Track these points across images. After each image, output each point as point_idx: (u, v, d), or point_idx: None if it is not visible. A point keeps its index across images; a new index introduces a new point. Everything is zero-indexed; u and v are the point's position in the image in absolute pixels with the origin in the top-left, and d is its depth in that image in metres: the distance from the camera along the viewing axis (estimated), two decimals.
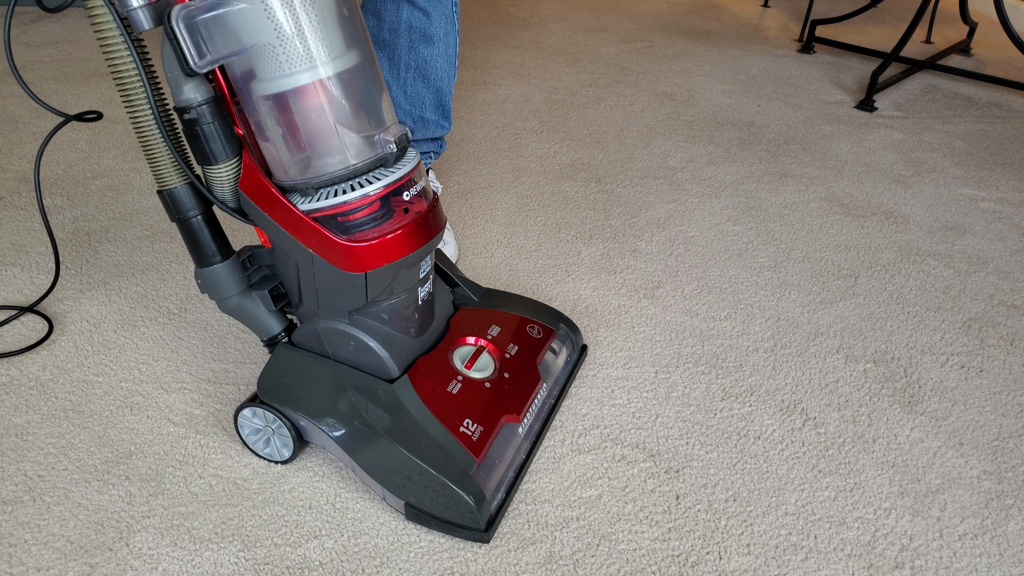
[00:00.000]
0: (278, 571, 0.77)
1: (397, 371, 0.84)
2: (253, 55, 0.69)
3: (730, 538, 0.82)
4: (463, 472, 0.78)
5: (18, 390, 0.97)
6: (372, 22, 1.20)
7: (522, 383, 0.90)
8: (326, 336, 0.84)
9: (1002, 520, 0.86)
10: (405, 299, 0.84)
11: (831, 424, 0.98)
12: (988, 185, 1.62)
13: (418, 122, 1.26)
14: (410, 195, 0.78)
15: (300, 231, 0.77)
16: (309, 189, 0.75)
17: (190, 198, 0.80)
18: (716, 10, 2.82)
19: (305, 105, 0.71)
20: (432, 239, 0.80)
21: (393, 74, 1.22)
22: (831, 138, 1.81)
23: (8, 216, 1.33)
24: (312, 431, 0.84)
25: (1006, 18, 2.03)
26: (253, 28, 0.67)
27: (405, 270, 0.80)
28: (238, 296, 0.85)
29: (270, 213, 0.77)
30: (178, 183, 0.79)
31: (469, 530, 0.79)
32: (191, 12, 0.66)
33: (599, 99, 1.97)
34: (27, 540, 0.79)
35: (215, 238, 0.83)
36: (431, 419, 0.81)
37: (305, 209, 0.75)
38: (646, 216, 1.44)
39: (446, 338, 0.92)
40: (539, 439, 0.90)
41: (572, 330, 1.03)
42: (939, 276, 1.30)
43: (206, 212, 0.82)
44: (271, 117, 0.72)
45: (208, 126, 0.74)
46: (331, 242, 0.76)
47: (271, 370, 0.86)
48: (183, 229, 0.82)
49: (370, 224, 0.77)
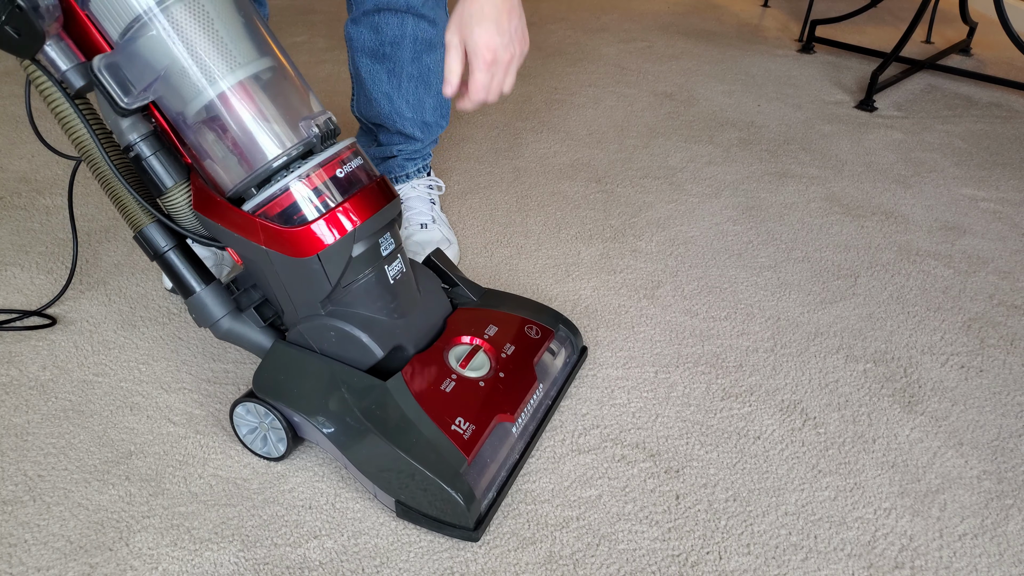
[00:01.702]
0: (278, 571, 0.77)
1: (381, 352, 0.84)
2: (171, 81, 0.75)
3: (730, 538, 0.82)
4: (453, 470, 0.78)
5: (18, 390, 0.97)
6: (368, 36, 1.16)
7: (518, 383, 0.90)
8: (309, 334, 0.85)
9: (1002, 520, 0.86)
10: (373, 279, 0.84)
11: (831, 424, 0.98)
12: (988, 185, 1.62)
13: (422, 127, 1.25)
14: (344, 172, 0.81)
15: (249, 231, 0.80)
16: (251, 191, 0.79)
17: (161, 235, 0.87)
18: (716, 10, 2.82)
19: (225, 113, 0.77)
20: (376, 213, 0.82)
21: (394, 85, 1.19)
22: (831, 138, 1.81)
23: (8, 216, 1.33)
24: (306, 427, 0.85)
25: (1006, 18, 2.03)
26: (161, 53, 0.74)
27: (362, 247, 0.81)
28: (228, 319, 0.88)
29: (221, 222, 0.81)
30: (147, 222, 0.86)
31: (458, 528, 0.79)
32: (107, 56, 0.75)
33: (599, 99, 1.97)
34: (27, 540, 0.79)
35: (192, 267, 0.88)
36: (423, 417, 0.81)
37: (248, 209, 0.79)
38: (646, 216, 1.44)
39: (442, 337, 0.92)
40: (534, 439, 0.90)
41: (572, 331, 1.03)
42: (939, 276, 1.30)
43: (179, 245, 0.88)
44: (201, 133, 0.79)
45: (151, 158, 0.82)
46: (278, 233, 0.79)
47: (267, 366, 0.86)
48: (162, 265, 0.88)
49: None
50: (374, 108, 1.22)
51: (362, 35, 1.17)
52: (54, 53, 0.77)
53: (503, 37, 0.82)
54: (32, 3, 0.73)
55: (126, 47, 0.74)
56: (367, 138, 1.31)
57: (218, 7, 0.76)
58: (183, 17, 0.74)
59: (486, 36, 0.81)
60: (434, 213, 1.28)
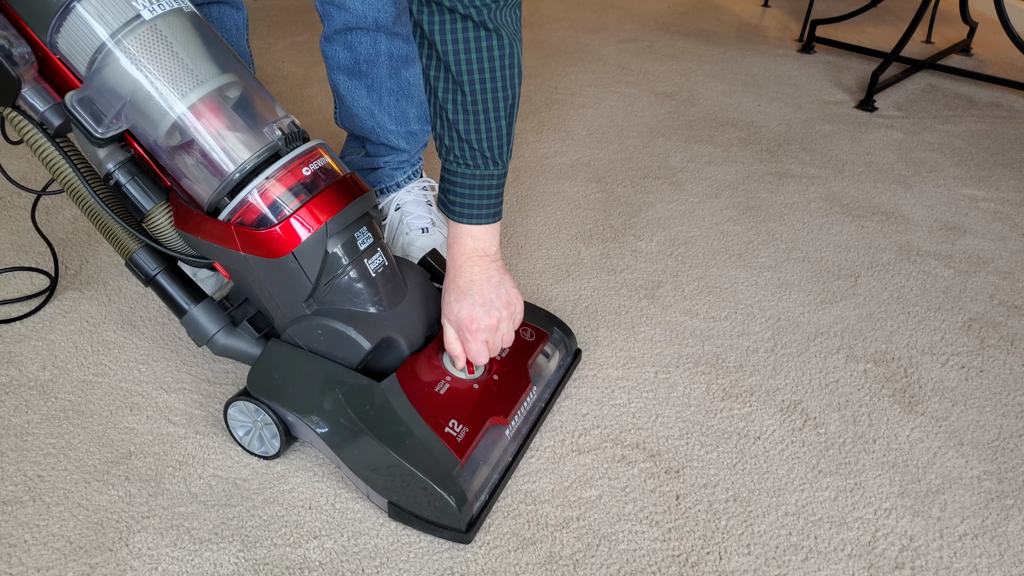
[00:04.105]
0: (278, 571, 0.77)
1: (368, 344, 0.84)
2: (138, 106, 0.78)
3: (730, 538, 0.82)
4: (446, 473, 0.78)
5: (18, 390, 0.97)
6: (343, 55, 1.14)
7: (511, 385, 0.90)
8: (298, 335, 0.85)
9: (1002, 520, 0.86)
10: (354, 274, 0.84)
11: (831, 424, 0.98)
12: (988, 185, 1.62)
13: (407, 137, 1.23)
14: (310, 171, 0.83)
15: (226, 239, 0.82)
16: (224, 200, 0.82)
17: (150, 258, 0.89)
18: (716, 10, 2.82)
19: (191, 129, 0.79)
20: (346, 207, 0.83)
21: (374, 100, 1.17)
22: (831, 138, 1.81)
23: (8, 216, 1.33)
24: (299, 426, 0.85)
25: (1006, 18, 2.03)
26: (125, 80, 0.77)
27: (337, 242, 0.82)
28: (223, 334, 0.89)
29: (200, 235, 0.83)
30: (136, 248, 0.89)
31: (450, 530, 0.79)
32: (78, 92, 0.79)
33: (599, 99, 1.97)
34: (27, 540, 0.79)
35: (182, 287, 0.90)
36: (416, 418, 0.81)
37: (223, 218, 0.81)
38: (646, 216, 1.44)
39: (437, 338, 0.92)
40: (527, 442, 0.90)
41: (566, 334, 1.02)
42: (939, 276, 1.30)
43: (168, 268, 0.90)
44: (173, 153, 0.81)
45: (128, 184, 0.86)
46: (252, 236, 0.80)
47: (261, 365, 0.86)
48: (155, 289, 0.90)
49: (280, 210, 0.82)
50: (356, 122, 1.21)
51: (336, 53, 1.14)
52: (32, 97, 0.82)
53: (485, 307, 0.87)
54: (5, 52, 0.78)
55: (93, 79, 0.78)
56: (355, 145, 1.29)
57: (175, 30, 0.79)
58: (141, 43, 0.77)
59: (466, 311, 0.87)
60: (433, 216, 1.28)
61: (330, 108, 1.83)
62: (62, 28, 0.77)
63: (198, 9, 0.85)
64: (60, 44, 0.79)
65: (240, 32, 1.13)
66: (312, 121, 1.77)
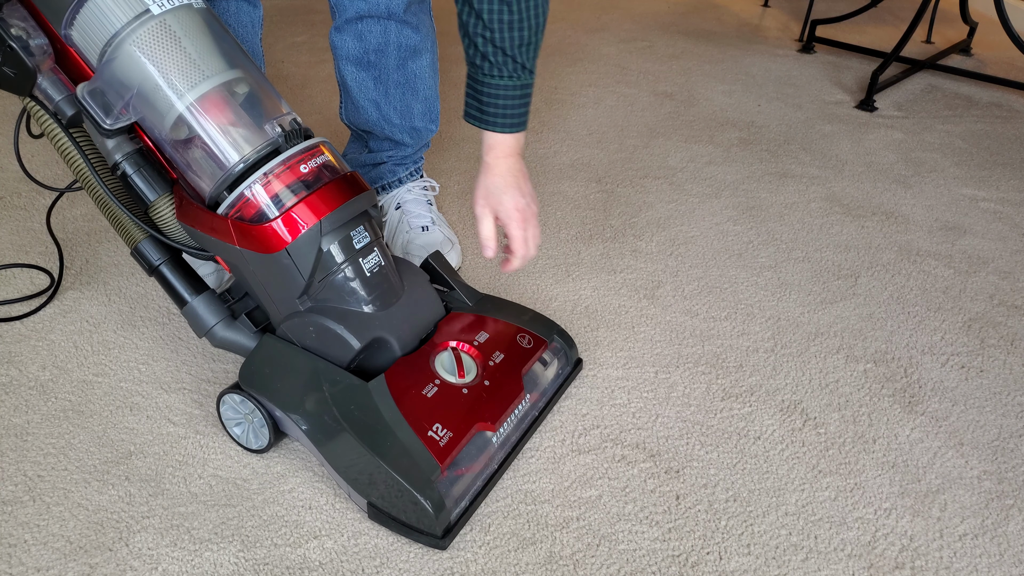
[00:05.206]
0: (278, 571, 0.77)
1: (358, 343, 0.84)
2: (146, 98, 0.80)
3: (730, 538, 0.82)
4: (425, 477, 0.77)
5: (18, 390, 0.97)
6: (352, 44, 1.16)
7: (502, 392, 0.88)
8: (291, 331, 0.86)
9: (1002, 520, 0.86)
10: (348, 272, 0.84)
11: (831, 424, 0.98)
12: (988, 185, 1.62)
13: (411, 132, 1.24)
14: (308, 168, 0.83)
15: (223, 233, 0.82)
16: (223, 194, 0.83)
17: (154, 249, 0.91)
18: (716, 10, 2.82)
19: (195, 123, 0.81)
20: (342, 205, 0.83)
21: (381, 92, 1.19)
22: (831, 138, 1.81)
23: (8, 216, 1.33)
24: (286, 422, 0.85)
25: (1006, 18, 2.03)
26: (134, 72, 0.79)
27: (332, 240, 0.83)
28: (221, 326, 0.90)
29: (200, 227, 0.84)
30: (141, 238, 0.91)
31: (426, 535, 0.78)
32: (89, 83, 0.81)
33: (599, 99, 1.97)
34: (27, 540, 0.79)
35: (184, 278, 0.91)
36: (400, 421, 0.80)
37: (221, 211, 0.82)
38: (646, 216, 1.44)
39: (430, 341, 0.91)
40: (516, 450, 0.89)
41: (567, 343, 1.01)
42: (939, 276, 1.30)
43: (171, 258, 0.91)
44: (178, 145, 0.83)
45: (134, 175, 0.87)
46: (247, 231, 0.81)
47: (253, 359, 0.87)
48: (158, 278, 0.92)
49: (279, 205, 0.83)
50: (362, 115, 1.22)
51: (346, 43, 1.16)
52: (48, 87, 0.84)
53: (525, 198, 0.95)
54: (23, 43, 0.81)
55: (103, 72, 0.80)
56: (358, 145, 1.31)
57: (184, 25, 0.81)
58: (149, 37, 0.79)
59: (513, 201, 0.94)
60: (433, 215, 1.28)
61: (331, 108, 1.83)
62: (76, 21, 0.79)
63: (215, 4, 0.86)
64: (74, 36, 0.80)
65: (255, 29, 1.14)
66: (312, 121, 1.77)
